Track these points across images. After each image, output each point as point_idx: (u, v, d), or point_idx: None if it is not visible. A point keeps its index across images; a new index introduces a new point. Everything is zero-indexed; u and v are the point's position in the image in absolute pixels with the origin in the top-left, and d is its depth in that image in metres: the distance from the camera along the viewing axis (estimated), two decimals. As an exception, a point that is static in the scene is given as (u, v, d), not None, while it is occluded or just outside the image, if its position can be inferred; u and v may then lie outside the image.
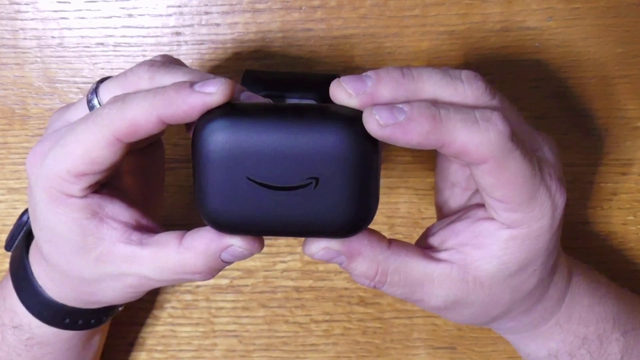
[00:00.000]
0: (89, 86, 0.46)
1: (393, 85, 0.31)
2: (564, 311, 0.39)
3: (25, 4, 0.45)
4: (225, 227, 0.32)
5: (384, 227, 0.48)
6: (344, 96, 0.31)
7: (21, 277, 0.39)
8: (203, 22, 0.45)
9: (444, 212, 0.39)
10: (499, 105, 0.32)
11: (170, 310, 0.49)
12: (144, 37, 0.45)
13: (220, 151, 0.30)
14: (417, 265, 0.34)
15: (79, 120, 0.33)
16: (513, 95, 0.45)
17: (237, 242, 0.33)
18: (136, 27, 0.45)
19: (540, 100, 0.46)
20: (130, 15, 0.45)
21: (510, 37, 0.45)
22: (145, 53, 0.45)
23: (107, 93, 0.35)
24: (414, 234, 0.48)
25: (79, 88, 0.46)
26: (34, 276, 0.39)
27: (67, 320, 0.40)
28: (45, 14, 0.45)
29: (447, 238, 0.35)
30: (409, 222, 0.48)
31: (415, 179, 0.47)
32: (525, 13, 0.44)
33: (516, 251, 0.34)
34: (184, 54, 0.45)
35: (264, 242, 0.34)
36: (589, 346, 0.40)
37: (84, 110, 0.35)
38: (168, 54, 0.38)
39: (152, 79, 0.34)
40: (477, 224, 0.34)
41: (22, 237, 0.41)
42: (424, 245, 0.36)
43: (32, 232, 0.39)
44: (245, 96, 0.33)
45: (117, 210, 0.35)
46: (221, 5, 0.44)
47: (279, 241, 0.48)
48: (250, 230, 0.32)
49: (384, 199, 0.47)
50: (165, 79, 0.33)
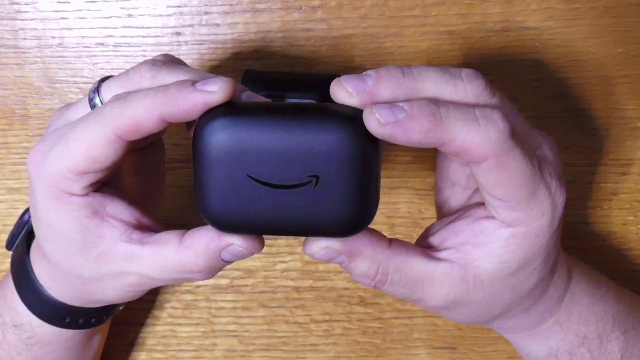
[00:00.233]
0: (89, 86, 0.46)
1: (393, 83, 0.31)
2: (564, 310, 0.39)
3: (25, 4, 0.45)
4: (226, 226, 0.32)
5: (384, 227, 0.48)
6: (345, 95, 0.31)
7: (22, 276, 0.39)
8: (203, 22, 0.45)
9: (444, 211, 0.39)
10: (499, 104, 0.32)
11: (170, 310, 0.49)
12: (144, 37, 0.45)
13: (221, 149, 0.30)
14: (417, 265, 0.34)
15: (80, 118, 0.33)
16: (513, 95, 0.45)
17: (237, 241, 0.33)
18: (136, 27, 0.45)
19: (540, 100, 0.46)
20: (130, 15, 0.45)
21: (510, 37, 0.45)
22: (145, 53, 0.45)
23: (108, 92, 0.35)
24: (414, 234, 0.48)
25: (79, 88, 0.46)
26: (34, 275, 0.39)
27: (68, 319, 0.40)
28: (45, 14, 0.45)
29: (447, 237, 0.35)
30: (409, 222, 0.48)
31: (416, 179, 0.47)
32: (525, 13, 0.44)
33: (516, 250, 0.34)
34: (184, 54, 0.45)
35: (264, 242, 0.34)
36: (589, 345, 0.40)
37: (85, 109, 0.35)
38: (162, 53, 0.38)
39: (154, 78, 0.34)
40: (477, 223, 0.34)
41: (23, 237, 0.41)
42: (424, 245, 0.36)
43: (33, 232, 0.39)
44: (247, 96, 0.33)
45: (118, 209, 0.35)
46: (221, 5, 0.44)
47: (279, 241, 0.48)
48: (251, 229, 0.32)
49: (384, 199, 0.47)
50: (167, 78, 0.33)
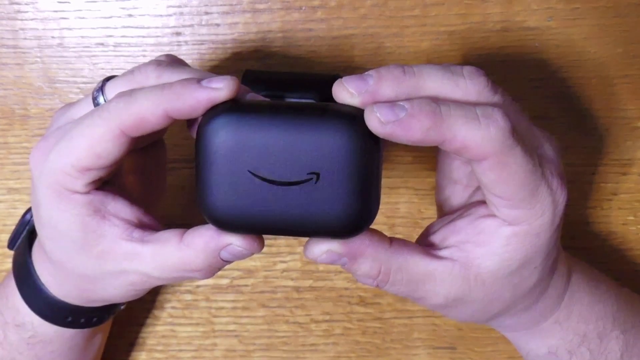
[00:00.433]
0: (89, 86, 0.46)
1: (394, 82, 0.32)
2: (564, 309, 0.39)
3: (25, 4, 0.45)
4: (226, 224, 0.32)
5: (384, 227, 0.48)
6: (347, 96, 0.31)
7: (24, 275, 0.39)
8: (203, 22, 0.45)
9: (445, 209, 0.39)
10: (500, 101, 0.33)
11: (171, 310, 0.49)
12: (144, 37, 0.45)
13: (224, 145, 0.30)
14: (418, 264, 0.34)
15: (85, 115, 0.34)
16: (513, 95, 0.45)
17: (236, 241, 0.33)
18: (136, 27, 0.45)
19: (540, 100, 0.46)
20: (130, 15, 0.45)
21: (510, 37, 0.45)
22: (145, 53, 0.45)
23: (113, 91, 0.35)
24: (414, 234, 0.48)
25: (79, 88, 0.46)
26: (36, 274, 0.39)
27: (70, 319, 0.40)
28: (45, 14, 0.45)
29: (448, 236, 0.35)
30: (409, 222, 0.48)
31: (416, 179, 0.47)
32: (525, 13, 0.44)
33: (517, 248, 0.34)
34: (184, 54, 0.45)
35: (264, 242, 0.34)
36: (588, 344, 0.40)
37: (88, 107, 0.35)
38: (165, 53, 0.38)
39: (160, 78, 0.34)
40: (478, 221, 0.34)
41: (25, 236, 0.41)
42: (425, 244, 0.36)
43: (35, 231, 0.39)
44: (250, 97, 0.33)
45: (119, 208, 0.35)
46: (221, 5, 0.44)
47: (279, 241, 0.48)
48: (251, 228, 0.32)
49: (384, 199, 0.47)
50: (173, 78, 0.34)
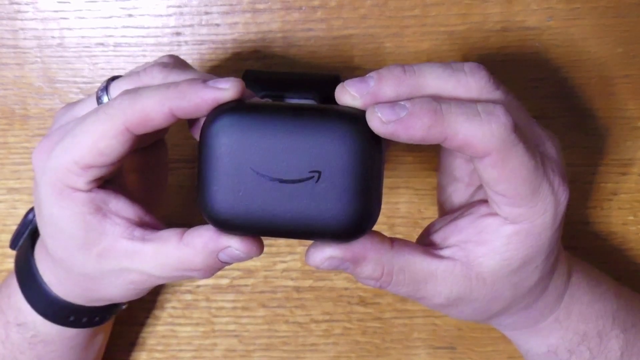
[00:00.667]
0: (89, 86, 0.46)
1: (395, 82, 0.32)
2: (564, 308, 0.39)
3: (25, 4, 0.45)
4: (226, 225, 0.32)
5: (384, 227, 0.48)
6: (349, 98, 0.32)
7: (26, 274, 0.40)
8: (203, 22, 0.45)
9: (446, 208, 0.39)
10: (502, 97, 0.33)
11: (171, 310, 0.49)
12: (144, 37, 0.45)
13: (228, 145, 0.31)
14: (420, 264, 0.34)
15: (89, 112, 0.34)
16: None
17: (235, 243, 0.33)
18: (136, 27, 0.45)
19: (540, 100, 0.46)
20: (130, 15, 0.45)
21: (510, 37, 0.45)
22: (145, 53, 0.45)
23: (117, 91, 0.35)
24: (414, 234, 0.48)
25: (79, 88, 0.46)
26: (39, 273, 0.39)
27: (71, 318, 0.40)
28: (45, 14, 0.45)
29: (449, 235, 0.35)
30: (409, 222, 0.48)
31: (416, 179, 0.47)
32: (525, 13, 0.44)
33: (518, 247, 0.34)
34: (184, 54, 0.45)
35: (263, 246, 0.34)
36: (588, 343, 0.40)
37: (92, 106, 0.36)
38: (169, 54, 0.38)
39: (166, 79, 0.34)
40: (480, 220, 0.34)
41: (28, 235, 0.41)
42: (426, 243, 0.36)
43: (37, 231, 0.39)
44: (254, 100, 0.33)
45: (120, 206, 0.35)
46: (221, 5, 0.44)
47: (279, 241, 0.48)
48: (251, 230, 0.32)
49: (384, 199, 0.47)
50: (179, 79, 0.34)
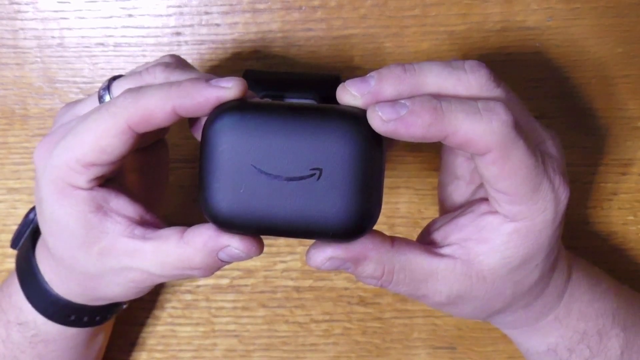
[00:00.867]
0: (89, 86, 0.46)
1: (395, 81, 0.32)
2: (564, 306, 0.39)
3: (25, 4, 0.45)
4: (226, 224, 0.32)
5: (384, 227, 0.48)
6: (350, 98, 0.32)
7: (27, 273, 0.40)
8: (203, 22, 0.45)
9: (447, 206, 0.39)
10: (503, 94, 0.33)
11: (171, 310, 0.50)
12: (144, 37, 0.45)
13: (230, 143, 0.31)
14: (421, 262, 0.34)
15: (91, 110, 0.34)
16: (513, 95, 0.45)
17: (234, 243, 0.33)
18: (136, 27, 0.45)
19: (540, 100, 0.46)
20: (130, 15, 0.45)
21: (510, 37, 0.45)
22: (145, 53, 0.45)
23: (119, 90, 0.35)
24: (414, 233, 0.48)
25: (79, 88, 0.46)
26: (40, 272, 0.39)
27: (72, 317, 0.40)
28: (45, 14, 0.45)
29: (450, 233, 0.35)
30: (409, 222, 0.48)
31: (416, 179, 0.47)
32: (525, 13, 0.44)
33: (519, 245, 0.34)
34: (184, 54, 0.45)
35: (263, 246, 0.34)
36: (588, 341, 0.40)
37: (93, 105, 0.36)
38: (170, 54, 0.38)
39: (168, 79, 0.35)
40: (480, 218, 0.34)
41: (29, 235, 0.41)
42: (427, 241, 0.36)
43: (38, 230, 0.39)
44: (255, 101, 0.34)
45: (121, 205, 0.35)
46: (221, 5, 0.45)
47: (279, 241, 0.48)
48: (252, 227, 0.32)
49: (384, 199, 0.47)
50: (181, 78, 0.34)
